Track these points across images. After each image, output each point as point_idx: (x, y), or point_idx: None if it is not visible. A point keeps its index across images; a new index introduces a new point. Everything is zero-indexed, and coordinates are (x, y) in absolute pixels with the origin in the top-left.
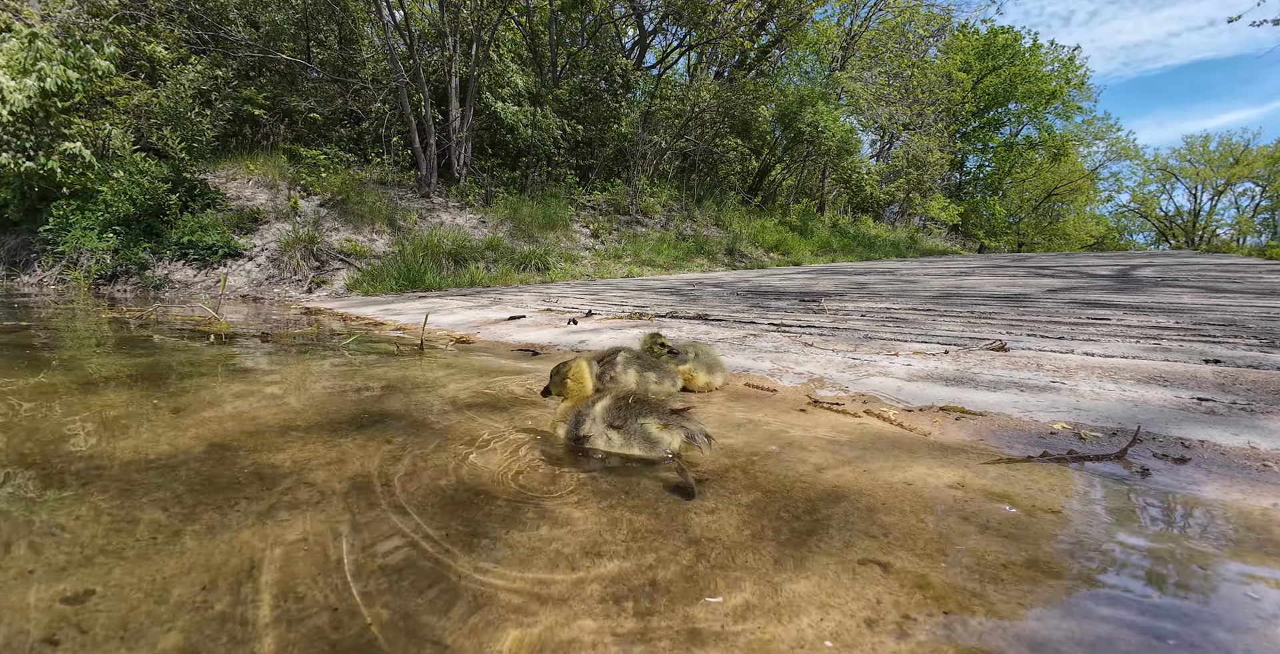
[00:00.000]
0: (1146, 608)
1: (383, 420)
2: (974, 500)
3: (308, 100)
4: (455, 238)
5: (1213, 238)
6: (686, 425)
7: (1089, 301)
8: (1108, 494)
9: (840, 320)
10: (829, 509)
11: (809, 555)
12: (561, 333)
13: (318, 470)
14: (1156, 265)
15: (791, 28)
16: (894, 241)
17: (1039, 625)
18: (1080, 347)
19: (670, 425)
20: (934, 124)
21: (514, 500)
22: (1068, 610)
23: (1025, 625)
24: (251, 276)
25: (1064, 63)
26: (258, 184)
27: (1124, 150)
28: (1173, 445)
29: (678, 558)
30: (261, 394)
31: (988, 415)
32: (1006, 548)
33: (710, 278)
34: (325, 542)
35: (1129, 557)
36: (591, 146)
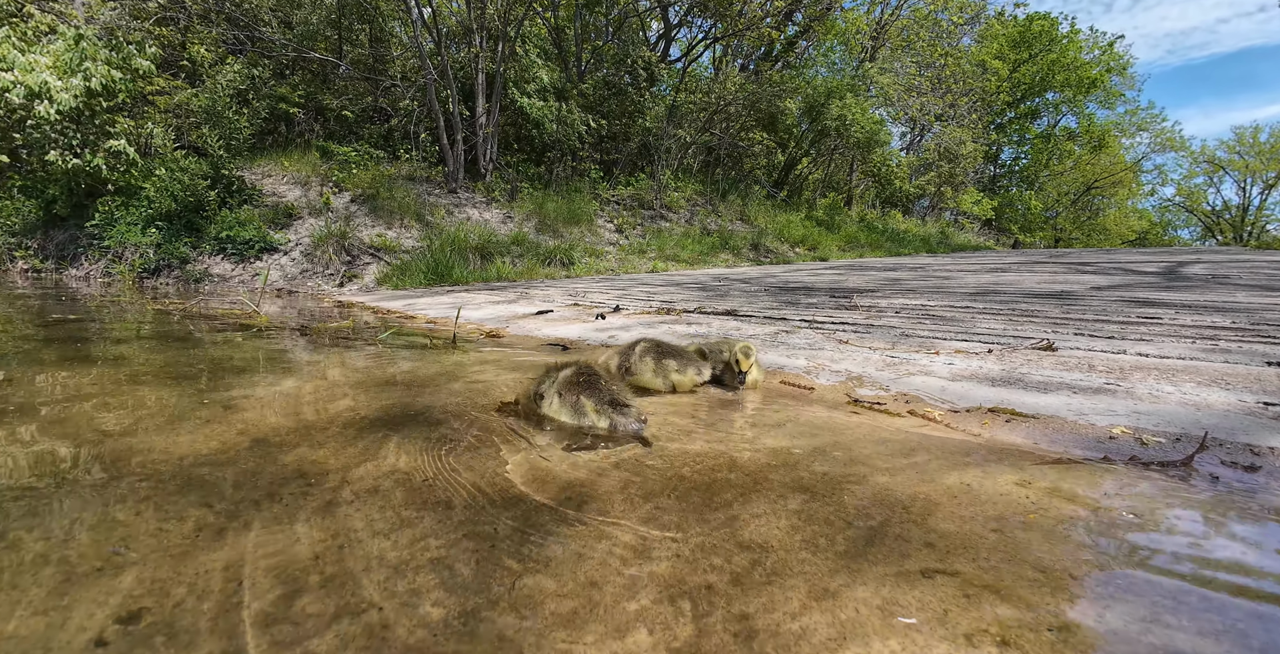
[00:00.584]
0: (1256, 628)
1: (424, 418)
2: (1035, 508)
3: (339, 98)
4: (482, 233)
5: (1262, 233)
6: (616, 417)
7: (1138, 300)
8: (1179, 502)
9: (874, 317)
10: (882, 514)
11: (866, 567)
12: (590, 328)
13: (362, 466)
14: (1206, 262)
15: (820, 17)
16: (924, 237)
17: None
18: (1133, 347)
19: (602, 412)
20: (967, 115)
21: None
22: (1148, 628)
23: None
24: (286, 271)
25: (1104, 49)
26: (292, 180)
27: (1169, 141)
28: (1241, 452)
29: (732, 563)
30: (305, 391)
31: (1040, 418)
32: (1078, 558)
33: (736, 273)
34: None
35: (1218, 571)
36: (616, 141)
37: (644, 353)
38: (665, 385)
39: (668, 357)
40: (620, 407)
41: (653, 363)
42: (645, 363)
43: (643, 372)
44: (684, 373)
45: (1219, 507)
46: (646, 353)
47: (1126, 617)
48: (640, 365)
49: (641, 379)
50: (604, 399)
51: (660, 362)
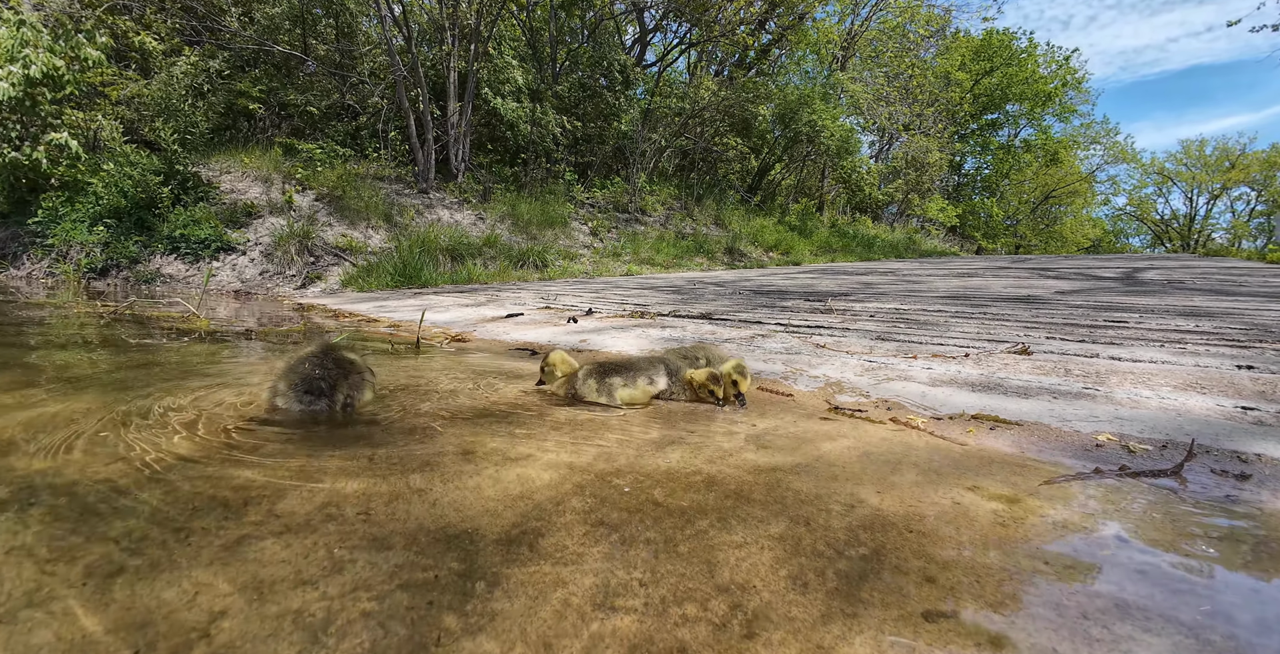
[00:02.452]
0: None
1: (368, 434)
2: (1035, 527)
3: (304, 94)
4: (453, 234)
5: (1208, 241)
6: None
7: (1102, 304)
8: (1177, 516)
9: (850, 321)
10: (876, 540)
11: (862, 611)
12: (561, 332)
13: (290, 495)
14: (1159, 268)
15: (792, 27)
16: (892, 242)
17: None
18: (1105, 350)
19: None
20: (933, 125)
21: (508, 541)
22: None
23: None
24: (243, 272)
25: (1061, 64)
26: (252, 178)
27: (1121, 154)
28: (1229, 460)
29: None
30: (228, 402)
31: (1025, 425)
32: (1088, 589)
33: (711, 277)
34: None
35: (1225, 597)
36: (591, 144)
37: (587, 376)
38: (613, 401)
39: (612, 374)
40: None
41: (595, 383)
42: (589, 384)
43: (586, 393)
44: (633, 387)
45: (1220, 519)
46: (589, 376)
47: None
48: (584, 388)
49: (589, 398)
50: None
51: (603, 380)
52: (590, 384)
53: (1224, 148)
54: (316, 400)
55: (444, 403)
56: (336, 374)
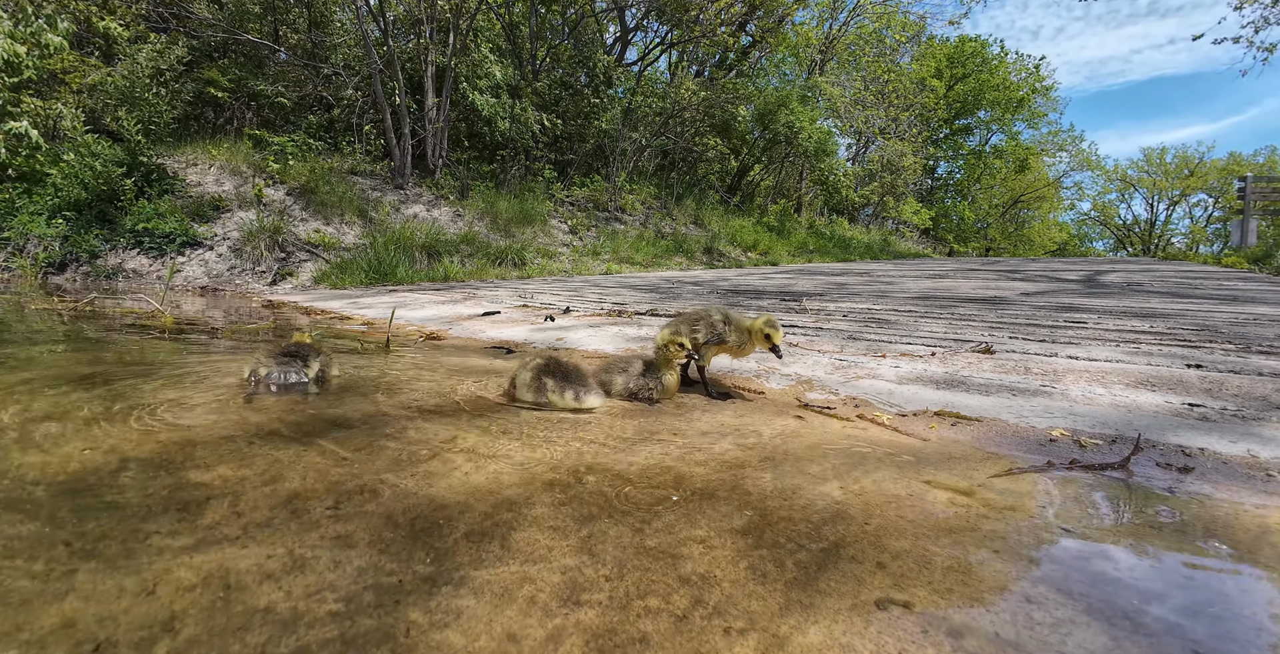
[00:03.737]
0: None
1: (334, 432)
2: (986, 518)
3: (275, 84)
4: (429, 231)
5: (1168, 246)
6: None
7: (1064, 305)
8: (1121, 508)
9: (823, 320)
10: (835, 533)
11: (818, 600)
12: (538, 330)
13: (252, 493)
14: (1120, 271)
15: (772, 29)
16: (868, 244)
17: None
18: (1064, 350)
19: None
20: (908, 129)
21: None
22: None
23: None
24: (211, 267)
25: (1031, 72)
26: (220, 170)
27: (1086, 161)
28: (1174, 454)
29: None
30: (193, 401)
31: (984, 421)
32: (1032, 576)
33: (689, 276)
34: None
35: (1161, 583)
36: (571, 142)
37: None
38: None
39: (550, 376)
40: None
41: (554, 384)
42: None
43: (524, 394)
44: (560, 395)
45: (1159, 509)
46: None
47: (1085, 645)
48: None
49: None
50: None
51: (540, 381)
52: (523, 375)
53: (1184, 156)
54: (295, 373)
55: (412, 400)
56: (309, 352)
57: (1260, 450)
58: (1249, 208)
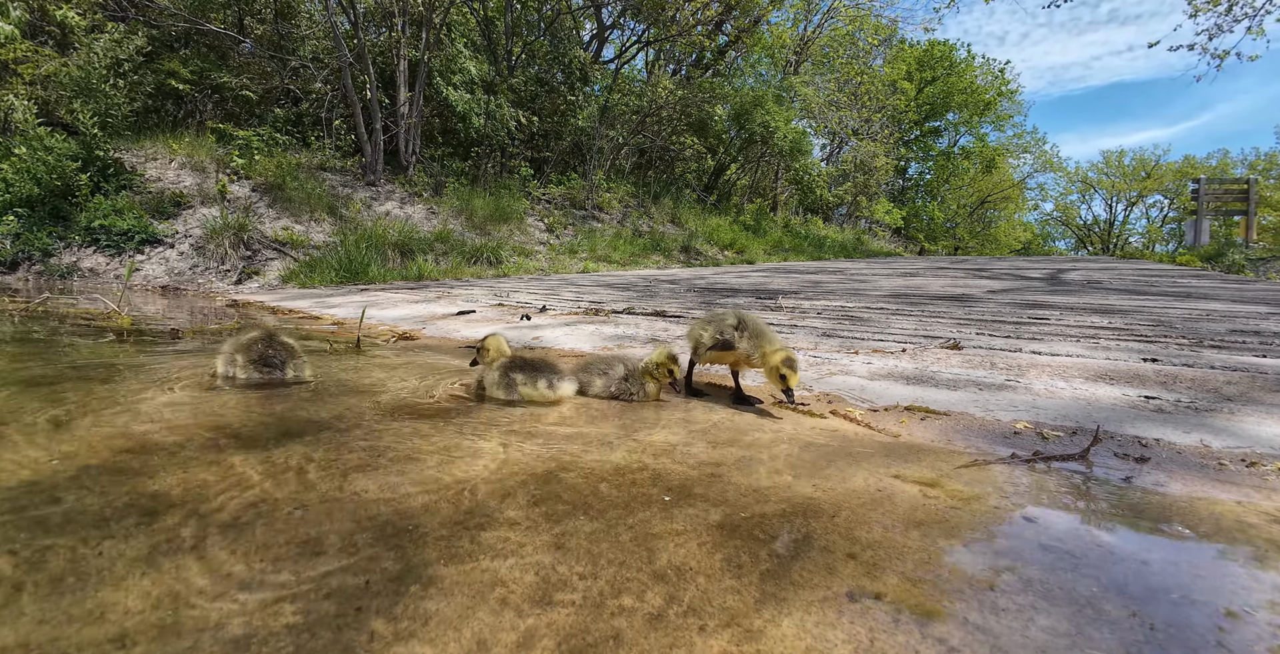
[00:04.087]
0: (1154, 632)
1: (302, 433)
2: (953, 509)
3: (239, 77)
4: (402, 229)
5: (1126, 245)
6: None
7: (1028, 302)
8: (1081, 497)
9: (798, 318)
10: (807, 526)
11: (791, 592)
12: (514, 328)
13: (211, 500)
14: (1081, 269)
15: (748, 30)
16: (842, 242)
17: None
18: (1027, 345)
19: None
20: (880, 131)
21: (449, 538)
22: (1073, 641)
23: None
24: (172, 266)
25: (996, 76)
26: (181, 165)
27: (1049, 163)
28: (1131, 445)
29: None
30: (153, 403)
31: (951, 415)
32: (997, 564)
33: (666, 275)
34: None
35: (1119, 569)
36: (547, 139)
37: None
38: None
39: (519, 371)
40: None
41: (523, 378)
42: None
43: (495, 392)
44: (533, 387)
45: (1116, 498)
46: (506, 372)
47: (1050, 629)
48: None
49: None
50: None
51: (509, 376)
52: (516, 379)
53: (1141, 159)
54: (272, 372)
55: (383, 401)
56: (282, 351)
57: (1212, 440)
58: (1202, 209)
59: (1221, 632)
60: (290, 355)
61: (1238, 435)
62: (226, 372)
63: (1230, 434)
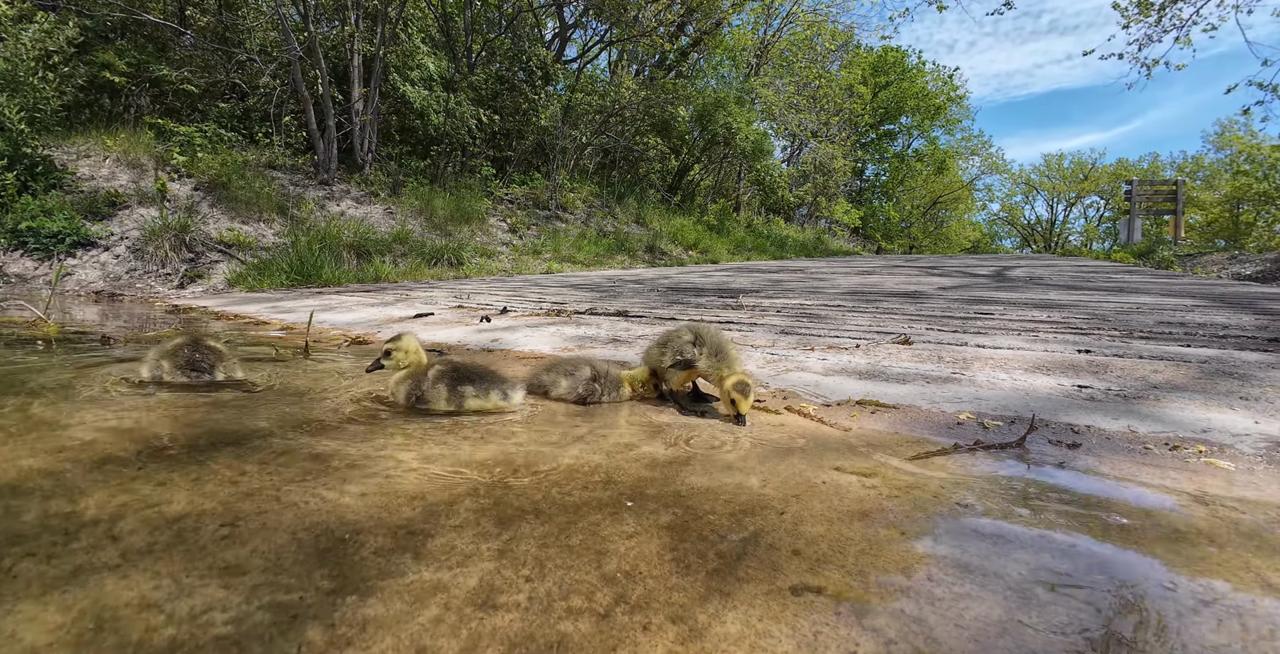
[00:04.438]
0: (1080, 613)
1: (237, 443)
2: (895, 500)
3: (180, 70)
4: (358, 229)
5: (1066, 243)
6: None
7: (975, 298)
8: (1016, 483)
9: (758, 316)
10: (755, 523)
11: (737, 588)
12: (473, 331)
13: (136, 515)
14: (1024, 267)
15: (710, 31)
16: (803, 242)
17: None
18: (973, 339)
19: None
20: (838, 133)
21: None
22: (1004, 627)
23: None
24: (108, 270)
25: (946, 81)
26: (117, 163)
27: (995, 165)
28: (1064, 431)
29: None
30: (74, 416)
31: (900, 408)
32: (935, 553)
33: (631, 275)
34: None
35: (1049, 552)
36: (509, 138)
37: (435, 380)
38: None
39: (466, 382)
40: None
41: (445, 390)
42: (438, 390)
43: (436, 401)
44: (484, 398)
45: (1047, 483)
46: (439, 380)
47: (982, 617)
48: (433, 392)
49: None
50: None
51: (455, 388)
52: (440, 390)
53: (1079, 162)
54: (200, 375)
55: (328, 407)
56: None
57: (1138, 426)
58: (1134, 208)
59: (1143, 609)
60: (219, 358)
61: (1162, 420)
62: (154, 376)
63: (1155, 419)
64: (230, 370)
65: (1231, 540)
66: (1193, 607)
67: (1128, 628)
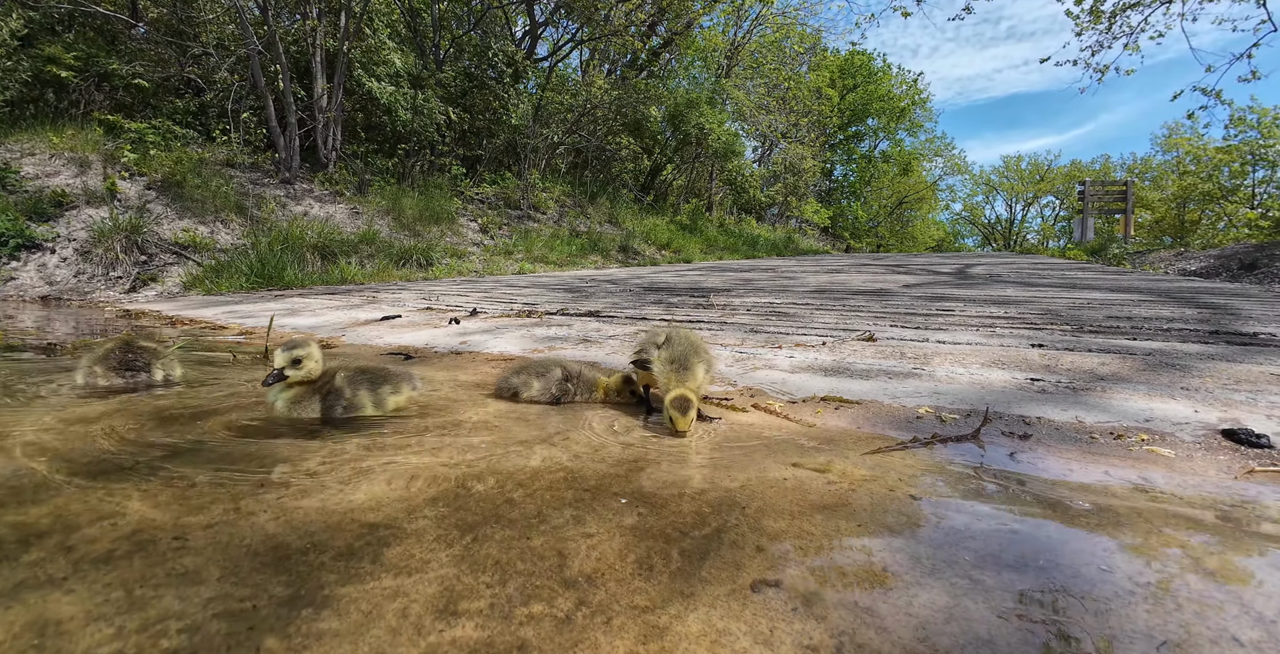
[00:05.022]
0: (1021, 591)
1: (191, 451)
2: (854, 493)
3: (132, 63)
4: (323, 230)
5: (1024, 241)
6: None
7: (937, 295)
8: (970, 474)
9: (727, 315)
10: (718, 520)
11: (699, 588)
12: (442, 333)
13: (85, 529)
14: (985, 264)
15: (681, 32)
16: (774, 241)
17: (923, 635)
18: (934, 335)
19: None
20: (807, 134)
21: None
22: (950, 614)
23: (910, 636)
24: (52, 274)
25: (910, 85)
26: (64, 161)
27: (957, 166)
28: (1016, 423)
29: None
30: (15, 426)
31: (863, 403)
32: (890, 544)
33: (604, 274)
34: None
35: (996, 540)
36: (479, 137)
37: (350, 386)
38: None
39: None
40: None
41: (368, 392)
42: (361, 394)
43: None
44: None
45: (998, 472)
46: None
47: (930, 604)
48: (359, 398)
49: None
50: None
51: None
52: (363, 395)
53: (1036, 163)
54: (136, 374)
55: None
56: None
57: (1085, 416)
58: (1087, 208)
59: (1085, 596)
60: (154, 357)
61: (1108, 411)
62: (88, 381)
63: (1102, 410)
64: (169, 367)
65: (1169, 523)
66: (1129, 588)
67: (1066, 609)
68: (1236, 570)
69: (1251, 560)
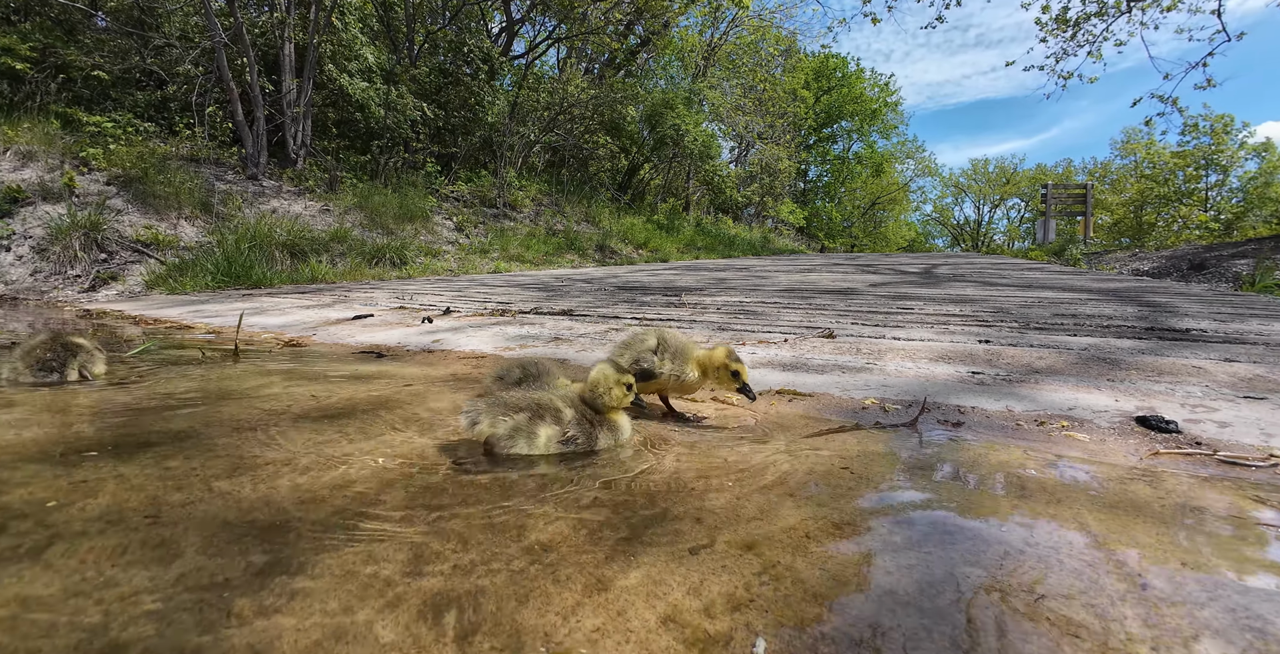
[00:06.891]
0: (926, 555)
1: (159, 444)
2: (792, 474)
3: (91, 54)
4: (292, 228)
5: (991, 242)
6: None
7: (900, 294)
8: (903, 457)
9: (698, 314)
10: (667, 500)
11: (642, 549)
12: (414, 332)
13: (61, 510)
14: (950, 264)
15: (658, 32)
16: (751, 241)
17: (839, 590)
18: (891, 332)
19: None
20: (782, 135)
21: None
22: (860, 571)
23: (823, 589)
24: (8, 272)
25: (882, 88)
26: (19, 155)
27: (928, 168)
28: (952, 412)
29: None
30: None
31: (815, 395)
32: (816, 513)
33: (580, 273)
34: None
35: (912, 510)
36: (455, 134)
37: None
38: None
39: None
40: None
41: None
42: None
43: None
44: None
45: (926, 454)
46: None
47: (843, 562)
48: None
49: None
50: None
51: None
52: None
53: (1002, 167)
54: (48, 374)
55: (258, 408)
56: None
57: (1015, 405)
58: (1050, 210)
59: (986, 557)
60: (74, 353)
61: (1036, 401)
62: (11, 377)
63: (1030, 400)
64: (90, 364)
65: (1070, 497)
66: (1040, 554)
67: (970, 572)
68: (1118, 535)
69: (1138, 526)
